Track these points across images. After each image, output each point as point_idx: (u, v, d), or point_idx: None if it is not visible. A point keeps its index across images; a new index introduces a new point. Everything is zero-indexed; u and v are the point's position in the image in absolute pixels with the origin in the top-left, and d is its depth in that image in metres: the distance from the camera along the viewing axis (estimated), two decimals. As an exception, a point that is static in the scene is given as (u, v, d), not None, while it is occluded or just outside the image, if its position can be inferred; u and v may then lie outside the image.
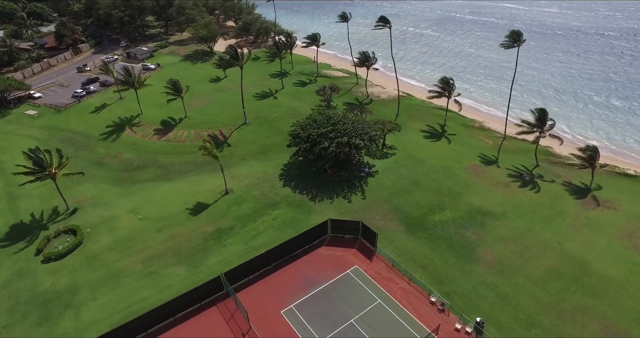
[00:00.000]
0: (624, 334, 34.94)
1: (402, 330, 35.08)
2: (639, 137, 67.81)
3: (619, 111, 75.21)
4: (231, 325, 35.98)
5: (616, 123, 72.02)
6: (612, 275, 40.35)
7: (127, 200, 53.70)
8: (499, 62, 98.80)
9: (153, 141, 68.91)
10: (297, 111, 75.71)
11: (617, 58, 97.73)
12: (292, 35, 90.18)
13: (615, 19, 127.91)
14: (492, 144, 64.80)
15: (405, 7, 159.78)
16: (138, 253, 44.44)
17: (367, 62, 77.77)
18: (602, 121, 72.67)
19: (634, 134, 68.76)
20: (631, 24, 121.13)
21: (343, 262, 42.30)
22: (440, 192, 53.01)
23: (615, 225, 46.79)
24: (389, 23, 67.52)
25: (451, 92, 65.89)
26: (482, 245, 44.25)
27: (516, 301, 37.83)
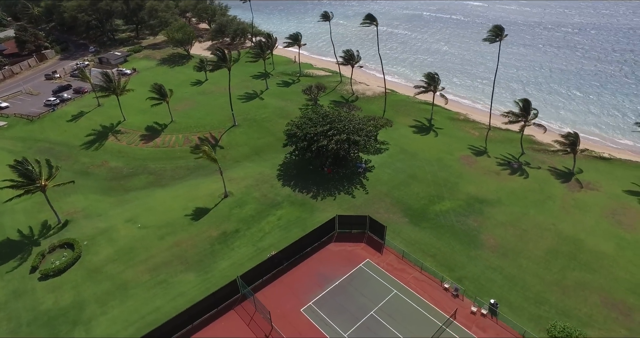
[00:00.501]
0: (621, 303, 37.57)
1: (422, 317, 36.11)
2: (601, 123, 72.54)
3: (580, 100, 79.96)
4: (252, 327, 35.65)
5: (579, 111, 76.59)
6: (603, 251, 43.26)
7: (122, 210, 51.74)
8: (471, 58, 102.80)
9: (140, 148, 66.69)
10: (285, 111, 75.62)
11: (572, 51, 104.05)
12: (272, 36, 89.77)
13: (567, 15, 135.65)
14: (478, 135, 67.54)
15: (373, 6, 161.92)
16: (143, 262, 43.02)
17: (351, 61, 78.82)
18: (568, 111, 76.97)
19: (596, 121, 73.33)
20: (582, 20, 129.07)
21: (354, 257, 42.89)
22: (436, 183, 54.73)
23: (600, 205, 50.14)
24: (376, 20, 68.83)
25: (437, 86, 68.14)
26: (483, 231, 46.18)
27: (522, 281, 39.83)
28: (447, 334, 34.56)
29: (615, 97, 79.64)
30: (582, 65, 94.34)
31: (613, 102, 78.01)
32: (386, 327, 35.30)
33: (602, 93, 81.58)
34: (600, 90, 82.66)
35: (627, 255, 42.79)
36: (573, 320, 35.77)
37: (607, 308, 37.06)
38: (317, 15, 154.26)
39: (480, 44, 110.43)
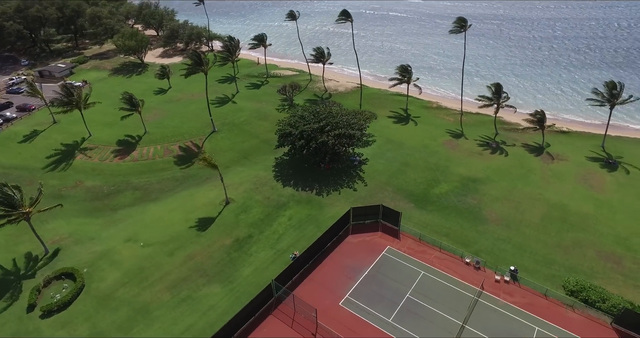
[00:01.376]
0: (612, 255, 42.55)
1: (454, 292, 38.05)
2: (550, 103, 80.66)
3: (530, 85, 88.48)
4: (296, 328, 35.07)
5: (527, 93, 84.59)
6: (585, 212, 48.63)
7: (116, 230, 47.74)
8: (418, 52, 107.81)
9: (117, 163, 61.76)
10: (262, 113, 74.53)
11: (506, 41, 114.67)
12: (234, 38, 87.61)
13: (494, 7, 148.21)
14: (453, 121, 71.97)
15: (313, 7, 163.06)
16: (159, 281, 40.20)
17: (322, 58, 79.68)
18: (515, 96, 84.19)
19: (545, 102, 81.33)
20: (508, 12, 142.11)
21: (375, 246, 43.85)
22: (429, 168, 57.54)
23: (572, 173, 56.16)
24: (350, 17, 70.34)
25: (410, 77, 71.45)
26: (483, 207, 49.57)
27: (529, 247, 43.51)
28: (480, 304, 36.83)
29: (552, 80, 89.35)
30: (516, 53, 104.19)
31: (552, 85, 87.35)
32: (425, 307, 36.72)
33: (537, 77, 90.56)
34: (534, 74, 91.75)
35: (604, 213, 48.54)
36: (580, 274, 39.92)
37: (602, 260, 41.84)
38: (266, 16, 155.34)
39: (425, 38, 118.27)
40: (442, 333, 34.35)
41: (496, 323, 35.07)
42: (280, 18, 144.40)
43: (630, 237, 44.60)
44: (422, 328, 34.80)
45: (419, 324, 35.21)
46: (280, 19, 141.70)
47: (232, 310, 36.66)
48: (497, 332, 34.31)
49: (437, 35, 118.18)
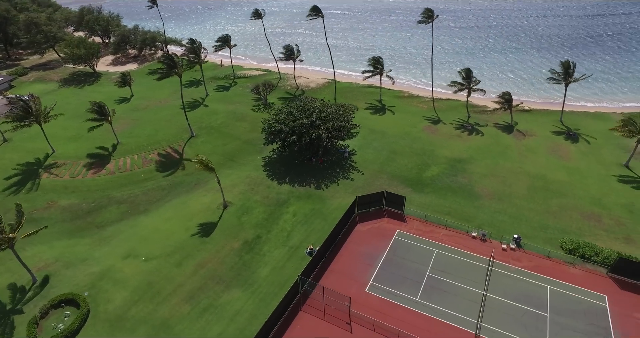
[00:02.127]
0: (592, 214, 46.97)
1: (469, 265, 40.00)
2: (501, 87, 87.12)
3: (479, 72, 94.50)
4: (330, 320, 34.88)
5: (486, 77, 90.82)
6: (561, 179, 53.31)
7: (110, 248, 44.12)
8: (369, 48, 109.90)
9: (92, 178, 56.94)
10: (238, 114, 72.72)
11: (448, 30, 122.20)
12: (196, 41, 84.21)
13: (438, 3, 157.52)
14: (427, 107, 75.13)
15: (267, 6, 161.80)
16: (173, 295, 37.85)
17: (292, 56, 79.29)
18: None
19: (495, 86, 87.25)
20: (448, 6, 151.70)
21: (385, 231, 44.76)
22: (416, 153, 59.71)
23: (542, 146, 61.18)
24: (321, 12, 70.55)
25: (383, 69, 73.51)
26: (474, 184, 52.48)
27: (524, 216, 46.84)
28: (494, 272, 39.07)
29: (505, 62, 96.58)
30: (460, 43, 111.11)
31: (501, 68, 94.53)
32: (446, 282, 38.24)
33: (483, 64, 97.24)
34: (481, 62, 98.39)
35: (577, 179, 53.54)
36: (571, 234, 43.76)
37: (586, 220, 46.17)
38: (216, 19, 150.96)
39: (370, 33, 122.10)
40: (468, 304, 36.03)
41: (513, 288, 37.46)
42: (227, 21, 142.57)
43: (602, 198, 49.63)
44: (448, 302, 36.25)
45: (444, 299, 36.63)
46: (228, 22, 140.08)
47: (260, 313, 35.76)
48: (515, 296, 36.67)
49: (383, 30, 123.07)
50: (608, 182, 52.55)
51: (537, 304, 35.89)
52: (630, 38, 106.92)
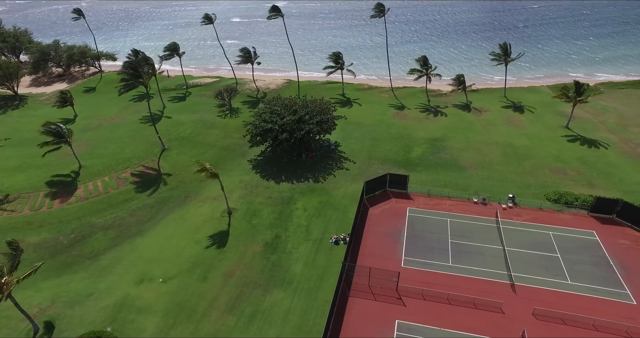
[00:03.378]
0: (558, 169, 53.95)
1: (480, 227, 43.58)
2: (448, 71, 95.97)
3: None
4: (380, 299, 35.41)
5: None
6: (525, 145, 60.23)
7: (114, 277, 39.34)
8: (313, 46, 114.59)
9: (60, 208, 49.96)
10: (206, 122, 69.56)
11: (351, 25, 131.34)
12: (140, 52, 78.16)
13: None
14: (388, 96, 79.36)
15: (185, 17, 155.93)
16: (211, 309, 35.15)
17: (250, 58, 77.91)
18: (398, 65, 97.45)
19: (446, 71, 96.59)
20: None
21: (397, 210, 46.65)
22: (395, 138, 62.92)
23: (499, 119, 68.60)
24: (281, 12, 70.30)
25: (344, 64, 75.99)
26: (457, 158, 57.04)
27: (508, 179, 52.22)
28: (504, 229, 43.06)
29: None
30: (395, 35, 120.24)
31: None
32: (468, 244, 41.24)
33: (415, 51, 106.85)
34: (411, 50, 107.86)
35: (536, 142, 61.01)
36: (550, 187, 50.00)
37: (555, 174, 53.05)
38: (144, 29, 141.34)
39: (319, 34, 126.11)
40: (493, 259, 39.35)
41: (523, 239, 41.76)
42: (154, 33, 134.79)
43: (560, 155, 57.37)
44: (477, 261, 39.20)
45: (473, 259, 39.52)
46: (154, 34, 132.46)
47: (310, 307, 35.12)
48: (528, 245, 40.96)
49: (316, 30, 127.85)
50: (559, 142, 60.91)
51: (547, 248, 40.58)
52: (534, 27, 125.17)
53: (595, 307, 34.32)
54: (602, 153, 57.51)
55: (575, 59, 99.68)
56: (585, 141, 60.44)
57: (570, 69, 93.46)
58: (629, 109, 71.80)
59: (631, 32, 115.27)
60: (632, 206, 42.74)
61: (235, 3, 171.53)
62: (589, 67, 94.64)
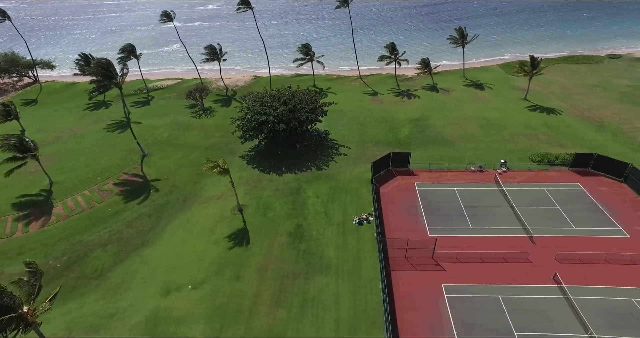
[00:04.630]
0: (529, 134, 59.35)
1: (485, 192, 46.65)
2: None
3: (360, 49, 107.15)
4: (420, 267, 36.38)
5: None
6: (496, 116, 65.27)
7: (134, 292, 35.55)
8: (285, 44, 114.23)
9: (40, 230, 43.70)
10: (182, 124, 65.52)
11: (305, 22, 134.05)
12: (91, 55, 70.75)
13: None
14: (359, 84, 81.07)
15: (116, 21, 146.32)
16: (256, 306, 33.32)
17: (217, 55, 74.58)
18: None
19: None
20: None
21: (406, 186, 48.12)
22: (380, 121, 64.65)
23: (466, 96, 73.58)
24: (250, 4, 67.86)
25: (313, 55, 76.04)
26: (443, 134, 60.20)
27: (491, 147, 56.34)
28: (506, 191, 46.51)
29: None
30: (333, 29, 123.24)
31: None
32: (480, 208, 43.91)
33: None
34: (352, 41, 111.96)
35: (504, 114, 66.48)
36: (531, 150, 54.91)
37: (530, 139, 58.23)
38: (74, 36, 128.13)
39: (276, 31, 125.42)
40: (506, 218, 42.40)
41: (525, 197, 45.45)
42: (89, 39, 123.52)
43: (528, 123, 63.19)
44: (493, 221, 41.96)
45: (488, 220, 42.22)
46: (89, 41, 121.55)
47: (358, 287, 35.17)
48: (531, 201, 44.70)
49: (276, 26, 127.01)
50: (524, 112, 67.07)
51: (547, 202, 44.71)
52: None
53: (601, 245, 38.64)
54: (560, 118, 64.55)
55: (512, 42, 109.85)
56: (544, 109, 67.32)
57: (512, 50, 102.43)
58: (567, 80, 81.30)
59: (543, 20, 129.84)
60: (603, 158, 48.70)
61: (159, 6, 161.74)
62: (524, 47, 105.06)
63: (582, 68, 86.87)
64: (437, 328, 31.23)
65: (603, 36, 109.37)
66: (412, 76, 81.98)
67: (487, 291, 34.17)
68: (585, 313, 31.68)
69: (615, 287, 34.32)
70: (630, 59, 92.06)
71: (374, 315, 32.42)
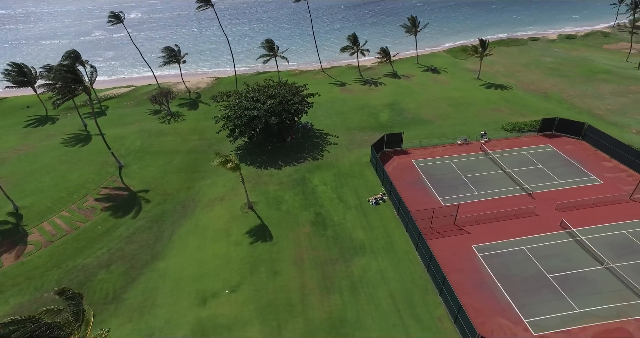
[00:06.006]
0: (494, 108, 65.22)
1: (475, 161, 49.96)
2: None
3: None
4: (447, 234, 38.02)
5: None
6: (460, 95, 70.06)
7: (166, 308, 32.07)
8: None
9: (19, 262, 37.24)
10: (152, 131, 60.70)
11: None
12: (26, 66, 61.74)
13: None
14: (322, 77, 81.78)
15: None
16: (307, 297, 32.06)
17: (177, 57, 69.89)
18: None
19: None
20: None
21: (405, 164, 49.87)
22: (357, 109, 66.09)
23: (427, 80, 78.12)
24: (211, 2, 64.24)
25: (276, 51, 75.01)
26: (420, 115, 63.32)
27: (467, 122, 60.56)
28: (496, 157, 50.49)
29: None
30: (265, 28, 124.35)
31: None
32: (477, 175, 47.03)
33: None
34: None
35: (466, 93, 71.59)
36: (501, 121, 60.06)
37: (495, 112, 63.80)
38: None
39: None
40: (503, 181, 46.02)
41: (512, 161, 49.63)
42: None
43: (488, 98, 69.13)
44: (493, 185, 45.27)
45: (488, 184, 45.49)
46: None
47: (398, 260, 35.75)
48: (518, 164, 48.88)
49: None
50: (481, 89, 73.24)
51: (531, 163, 49.42)
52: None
53: (585, 192, 43.81)
54: (513, 92, 71.67)
55: (446, 32, 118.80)
56: (497, 86, 74.20)
57: (450, 39, 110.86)
58: (505, 60, 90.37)
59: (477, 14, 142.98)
60: (563, 121, 55.16)
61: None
62: (458, 35, 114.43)
63: (514, 50, 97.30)
64: (483, 284, 33.07)
65: (518, 23, 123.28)
66: (372, 66, 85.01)
67: (512, 245, 36.97)
68: (596, 249, 35.86)
69: (608, 224, 39.20)
70: (546, 41, 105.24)
71: (423, 284, 33.29)
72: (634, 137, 54.64)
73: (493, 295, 32.17)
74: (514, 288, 32.81)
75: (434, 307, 31.34)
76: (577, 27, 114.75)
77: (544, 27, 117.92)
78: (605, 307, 30.87)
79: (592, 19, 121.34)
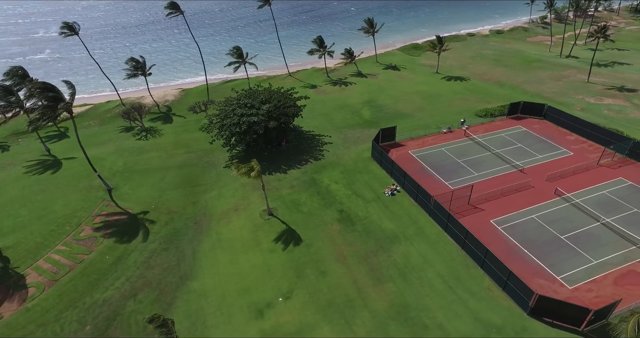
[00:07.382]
0: (462, 97, 71.06)
1: (465, 146, 54.09)
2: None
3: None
4: (465, 213, 40.72)
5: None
6: (428, 89, 74.78)
7: (222, 329, 30.05)
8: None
9: (24, 308, 32.22)
10: (131, 149, 56.50)
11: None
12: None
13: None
14: (291, 81, 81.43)
15: None
16: (363, 290, 32.22)
17: (143, 69, 65.06)
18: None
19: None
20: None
21: (404, 155, 52.27)
22: (339, 108, 67.61)
23: (393, 77, 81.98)
24: (180, 9, 60.44)
25: (246, 57, 73.57)
26: (398, 109, 66.57)
27: (442, 112, 65.06)
28: (483, 141, 54.97)
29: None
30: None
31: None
32: (471, 158, 50.97)
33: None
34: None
35: (432, 87, 76.69)
36: (472, 109, 65.41)
37: (464, 102, 69.28)
38: None
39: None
40: (495, 161, 50.40)
41: (496, 143, 54.47)
42: None
43: (453, 89, 74.68)
44: (488, 166, 49.44)
45: (484, 165, 49.56)
46: None
47: (433, 241, 37.94)
48: (501, 145, 53.90)
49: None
50: (443, 82, 78.96)
51: (511, 144, 54.72)
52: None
53: (563, 163, 49.71)
54: (472, 83, 78.33)
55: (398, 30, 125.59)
56: (456, 78, 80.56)
57: (399, 37, 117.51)
58: (455, 54, 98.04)
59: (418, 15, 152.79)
60: (527, 104, 61.93)
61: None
62: (403, 34, 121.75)
63: (457, 45, 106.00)
64: (512, 252, 36.18)
65: (447, 22, 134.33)
66: (335, 67, 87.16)
67: (523, 215, 40.80)
68: (589, 208, 41.06)
69: (590, 187, 45.09)
70: (482, 36, 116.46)
71: (462, 260, 35.44)
72: (580, 114, 62.92)
73: (524, 260, 35.38)
74: (538, 252, 36.42)
75: (480, 279, 33.61)
76: (500, 25, 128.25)
77: (474, 25, 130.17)
78: (614, 255, 35.61)
79: (509, 16, 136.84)
